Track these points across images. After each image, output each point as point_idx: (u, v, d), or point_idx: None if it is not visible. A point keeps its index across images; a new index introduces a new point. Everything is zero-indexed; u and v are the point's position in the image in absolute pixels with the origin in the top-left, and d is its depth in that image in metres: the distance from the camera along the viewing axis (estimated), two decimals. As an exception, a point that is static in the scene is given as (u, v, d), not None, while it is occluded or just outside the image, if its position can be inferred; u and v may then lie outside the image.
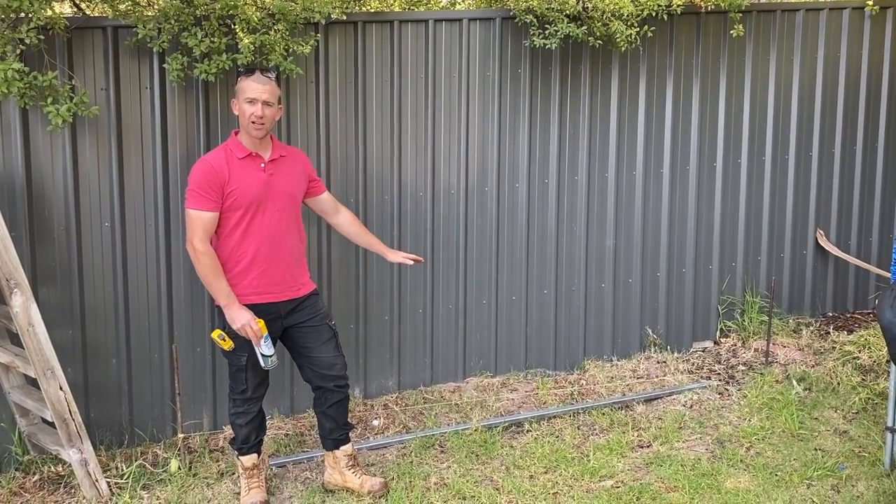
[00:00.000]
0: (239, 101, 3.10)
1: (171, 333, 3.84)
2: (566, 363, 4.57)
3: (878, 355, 4.36)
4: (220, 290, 3.08)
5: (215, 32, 3.49)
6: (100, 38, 3.56)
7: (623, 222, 4.56)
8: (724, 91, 4.65)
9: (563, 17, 3.95)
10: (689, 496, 3.28)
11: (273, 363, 3.18)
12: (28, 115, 3.48)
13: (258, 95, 3.05)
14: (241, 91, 3.08)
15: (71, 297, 3.66)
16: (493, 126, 4.27)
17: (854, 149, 5.00)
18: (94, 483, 3.37)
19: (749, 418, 3.95)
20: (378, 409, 4.16)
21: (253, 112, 3.05)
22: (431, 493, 3.36)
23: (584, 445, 3.74)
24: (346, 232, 3.51)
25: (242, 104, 3.07)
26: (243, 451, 3.33)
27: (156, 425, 3.87)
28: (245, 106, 3.06)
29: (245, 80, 3.08)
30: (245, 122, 3.08)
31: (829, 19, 4.80)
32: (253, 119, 3.05)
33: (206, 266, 3.05)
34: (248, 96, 3.05)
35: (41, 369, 3.25)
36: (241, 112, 3.09)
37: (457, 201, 4.27)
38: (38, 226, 3.58)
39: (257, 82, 3.06)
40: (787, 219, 4.92)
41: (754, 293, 4.87)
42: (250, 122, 3.06)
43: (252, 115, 3.05)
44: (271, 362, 3.17)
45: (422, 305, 4.29)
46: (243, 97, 3.07)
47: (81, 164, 3.61)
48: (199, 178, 3.06)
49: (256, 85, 3.06)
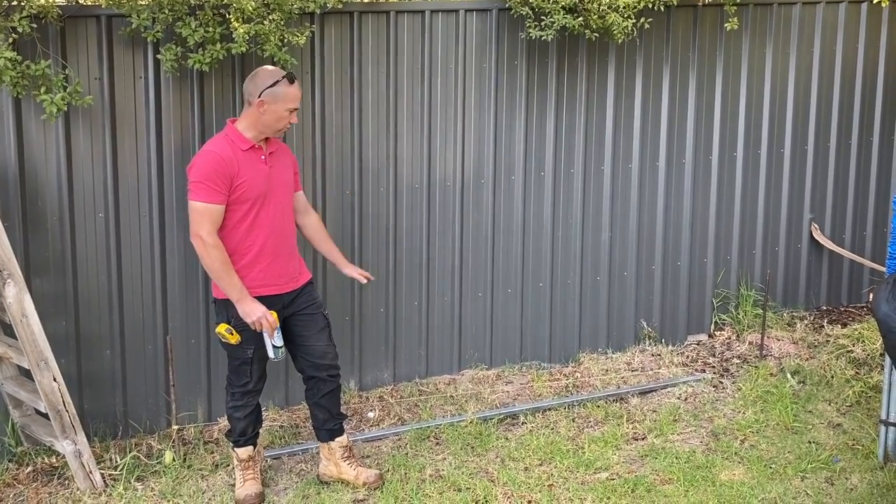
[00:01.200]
0: (277, 107, 3.06)
1: (166, 324, 3.82)
2: (561, 356, 4.57)
3: (872, 349, 4.38)
4: (231, 285, 3.04)
5: (209, 22, 3.47)
6: (93, 27, 3.53)
7: (618, 215, 4.56)
8: (721, 84, 4.64)
9: (559, 9, 3.94)
10: (683, 488, 3.29)
11: (283, 354, 3.19)
12: (21, 104, 3.45)
13: (299, 105, 3.14)
14: (285, 98, 3.06)
15: (65, 288, 3.64)
16: (489, 118, 4.25)
17: (849, 143, 5.00)
18: (88, 474, 3.36)
19: (743, 411, 3.97)
20: (373, 401, 4.16)
21: (291, 120, 3.13)
22: (427, 484, 3.37)
23: (578, 438, 3.75)
24: (310, 235, 3.47)
25: (282, 111, 3.08)
26: (240, 443, 3.33)
27: (150, 417, 3.85)
28: (284, 113, 3.09)
29: (289, 88, 3.08)
30: (278, 126, 3.12)
31: (825, 13, 4.80)
32: (287, 125, 3.13)
33: (217, 259, 3.01)
34: (292, 106, 3.10)
35: (35, 360, 3.24)
36: (277, 117, 3.08)
37: (452, 193, 4.26)
38: (32, 216, 3.56)
39: (299, 91, 3.13)
40: (782, 212, 4.92)
41: (749, 286, 4.88)
42: (285, 126, 3.13)
43: (289, 123, 3.13)
44: (282, 353, 3.18)
45: (417, 298, 4.28)
46: (286, 105, 3.08)
47: (75, 154, 3.59)
48: (207, 169, 3.00)
49: (298, 94, 3.13)
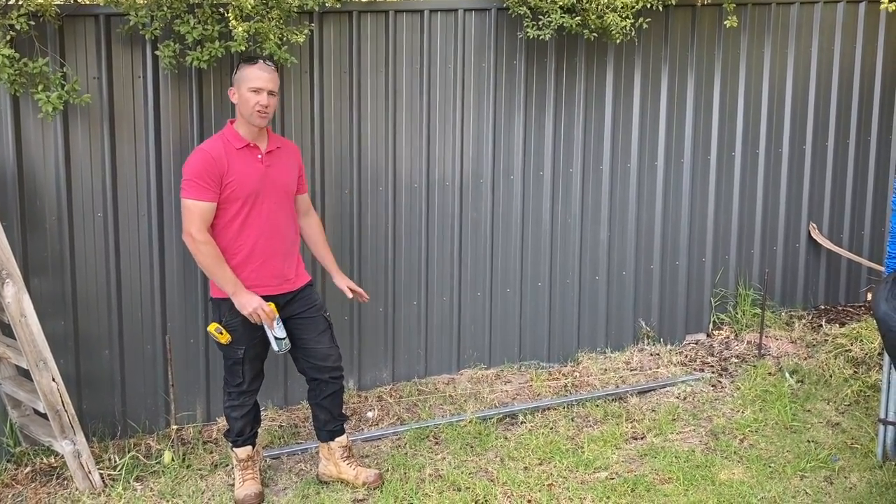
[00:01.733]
0: (240, 90, 3.03)
1: (165, 324, 3.81)
2: (560, 355, 4.57)
3: (870, 348, 4.38)
4: (224, 279, 3.03)
5: (208, 20, 3.46)
6: (91, 25, 3.52)
7: (617, 215, 4.56)
8: (719, 84, 4.64)
9: (556, 8, 3.94)
10: (683, 488, 3.29)
11: (286, 346, 3.16)
12: (19, 103, 3.44)
13: (264, 84, 3.00)
14: (244, 80, 3.02)
15: (63, 288, 3.63)
16: (488, 117, 4.25)
17: (847, 142, 5.01)
18: (86, 475, 3.35)
19: (742, 410, 3.97)
20: (372, 400, 4.15)
21: (258, 101, 3.00)
22: (426, 484, 3.36)
23: (578, 437, 3.75)
24: (308, 235, 3.45)
25: (245, 93, 3.01)
26: (238, 443, 3.32)
27: (149, 417, 3.85)
28: (249, 95, 3.00)
29: (248, 69, 3.02)
30: (248, 111, 3.02)
31: (823, 13, 4.81)
32: (258, 108, 3.00)
33: (208, 255, 3.01)
34: (253, 85, 3.00)
35: (33, 360, 3.23)
36: (244, 101, 3.02)
37: (451, 193, 4.26)
38: (30, 216, 3.54)
39: (262, 70, 3.01)
40: (781, 212, 4.93)
41: (747, 286, 4.88)
42: (255, 111, 3.01)
43: (258, 105, 3.00)
44: (285, 345, 3.15)
45: (416, 297, 4.28)
46: (247, 86, 3.00)
47: (73, 153, 3.58)
48: (197, 167, 3.01)
49: (261, 73, 3.01)
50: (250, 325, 3.14)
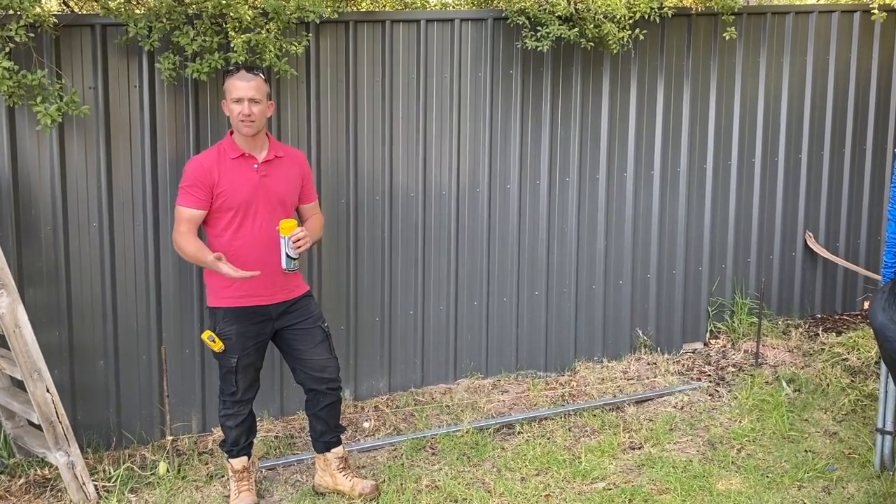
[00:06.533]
0: (227, 102, 3.11)
1: (160, 334, 3.80)
2: (557, 364, 4.57)
3: (867, 357, 4.38)
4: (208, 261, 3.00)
5: (207, 31, 3.47)
6: (88, 36, 3.52)
7: (614, 224, 4.57)
8: (715, 94, 4.66)
9: (554, 19, 3.95)
10: (680, 498, 3.28)
11: (296, 266, 3.08)
12: (14, 112, 3.44)
13: (244, 94, 3.05)
14: (228, 91, 3.09)
15: (58, 298, 3.61)
16: (484, 127, 4.26)
17: (843, 151, 5.03)
18: (81, 486, 3.33)
19: (739, 420, 3.96)
20: (369, 410, 4.14)
21: (241, 111, 3.05)
22: (423, 495, 3.35)
23: (575, 447, 3.74)
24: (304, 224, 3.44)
25: (229, 104, 3.09)
26: (233, 453, 3.30)
27: (144, 427, 3.83)
28: (233, 105, 3.07)
29: (230, 80, 3.09)
30: (235, 121, 3.10)
31: (818, 22, 4.83)
32: (241, 117, 3.06)
33: (187, 247, 3.06)
34: (234, 96, 3.07)
35: (28, 371, 3.21)
36: (231, 112, 3.10)
37: (448, 202, 4.26)
38: (25, 225, 3.54)
39: (242, 80, 3.06)
40: (777, 221, 4.94)
41: (744, 295, 4.88)
42: (239, 120, 3.07)
43: (240, 114, 3.06)
44: (295, 265, 3.07)
45: (413, 307, 4.27)
46: (230, 97, 3.08)
47: (69, 163, 3.57)
48: (188, 175, 3.11)
49: (241, 83, 3.06)
50: (244, 335, 3.14)
